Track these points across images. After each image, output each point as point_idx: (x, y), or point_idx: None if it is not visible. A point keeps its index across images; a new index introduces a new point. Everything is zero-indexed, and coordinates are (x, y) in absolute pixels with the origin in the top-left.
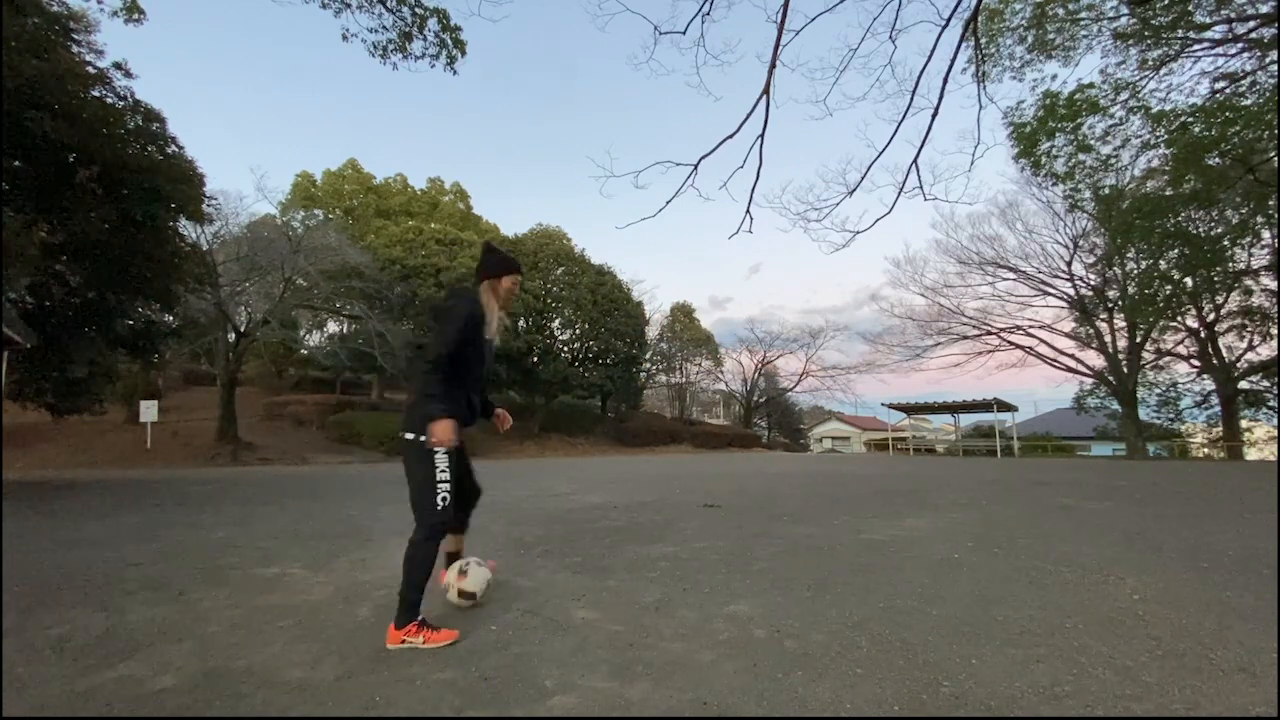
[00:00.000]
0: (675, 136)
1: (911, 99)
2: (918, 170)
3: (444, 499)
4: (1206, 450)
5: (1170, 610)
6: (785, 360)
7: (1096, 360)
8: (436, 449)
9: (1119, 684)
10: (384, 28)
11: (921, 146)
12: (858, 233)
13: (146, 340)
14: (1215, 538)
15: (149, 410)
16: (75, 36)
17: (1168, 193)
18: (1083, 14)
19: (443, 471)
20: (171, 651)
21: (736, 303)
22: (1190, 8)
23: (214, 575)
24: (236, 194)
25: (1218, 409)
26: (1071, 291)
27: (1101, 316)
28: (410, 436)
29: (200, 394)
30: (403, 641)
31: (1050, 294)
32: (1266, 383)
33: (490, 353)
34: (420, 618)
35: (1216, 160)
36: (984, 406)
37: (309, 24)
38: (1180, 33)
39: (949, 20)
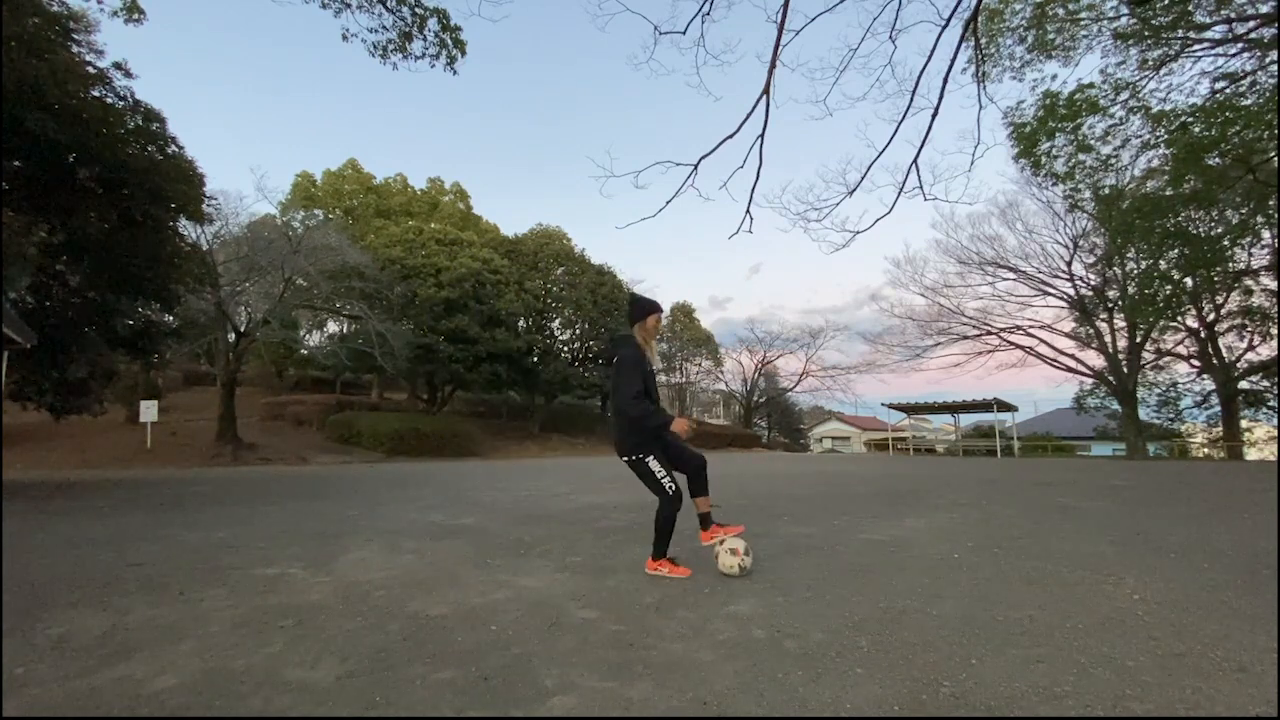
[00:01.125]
0: (675, 136)
1: (911, 99)
2: (918, 170)
3: (670, 485)
4: (1206, 450)
5: (1170, 610)
6: (785, 360)
7: (1096, 360)
8: (649, 458)
9: (1119, 684)
10: (384, 28)
11: (921, 146)
12: (858, 233)
13: (146, 340)
14: (1215, 538)
15: (149, 410)
16: (75, 36)
17: (1168, 193)
18: (1083, 14)
19: (659, 469)
20: (171, 651)
21: (736, 303)
22: (1190, 8)
23: (214, 575)
24: (236, 194)
25: (1218, 409)
26: (1071, 291)
27: (1101, 316)
28: (630, 459)
29: (200, 394)
30: (657, 570)
31: (1050, 294)
32: (1266, 383)
33: (654, 375)
34: (670, 556)
35: (1216, 160)
36: (984, 406)
37: (309, 24)
38: (1180, 33)
39: (949, 20)
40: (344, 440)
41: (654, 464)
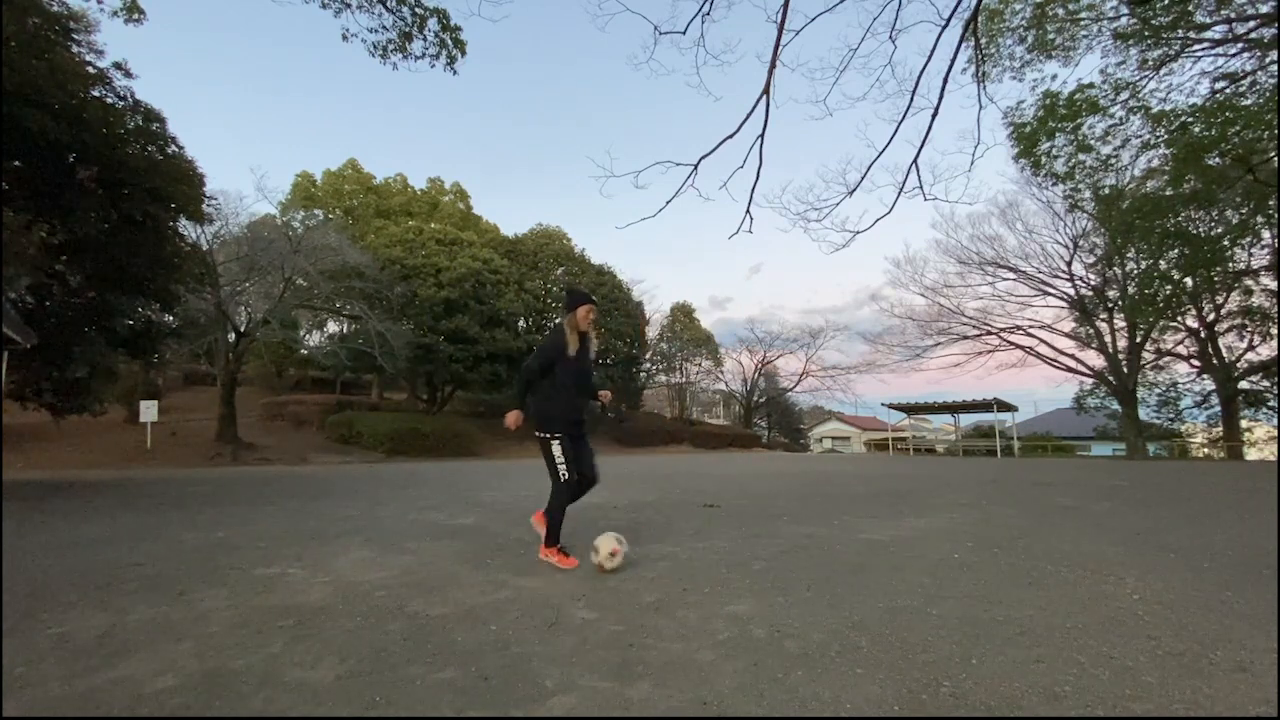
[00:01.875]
0: (675, 136)
1: (911, 99)
2: (918, 170)
3: (565, 473)
4: (1206, 450)
5: (1170, 610)
6: (785, 360)
7: (1096, 360)
8: (554, 440)
9: (1119, 684)
10: (384, 28)
11: (921, 146)
12: (858, 233)
13: (146, 340)
14: (1215, 538)
15: (149, 410)
16: (75, 36)
17: (1168, 193)
18: (1083, 14)
19: (559, 455)
20: (171, 651)
21: (737, 303)
22: (1190, 8)
23: (214, 575)
24: (236, 194)
25: (1218, 409)
26: (1071, 291)
27: (1101, 316)
28: (537, 435)
29: (200, 394)
30: (547, 557)
31: (1050, 294)
32: (1266, 383)
33: (585, 365)
34: (559, 545)
35: (1216, 160)
36: (984, 406)
37: (309, 24)
38: (1180, 33)
39: (949, 20)
40: (344, 440)
41: (557, 448)
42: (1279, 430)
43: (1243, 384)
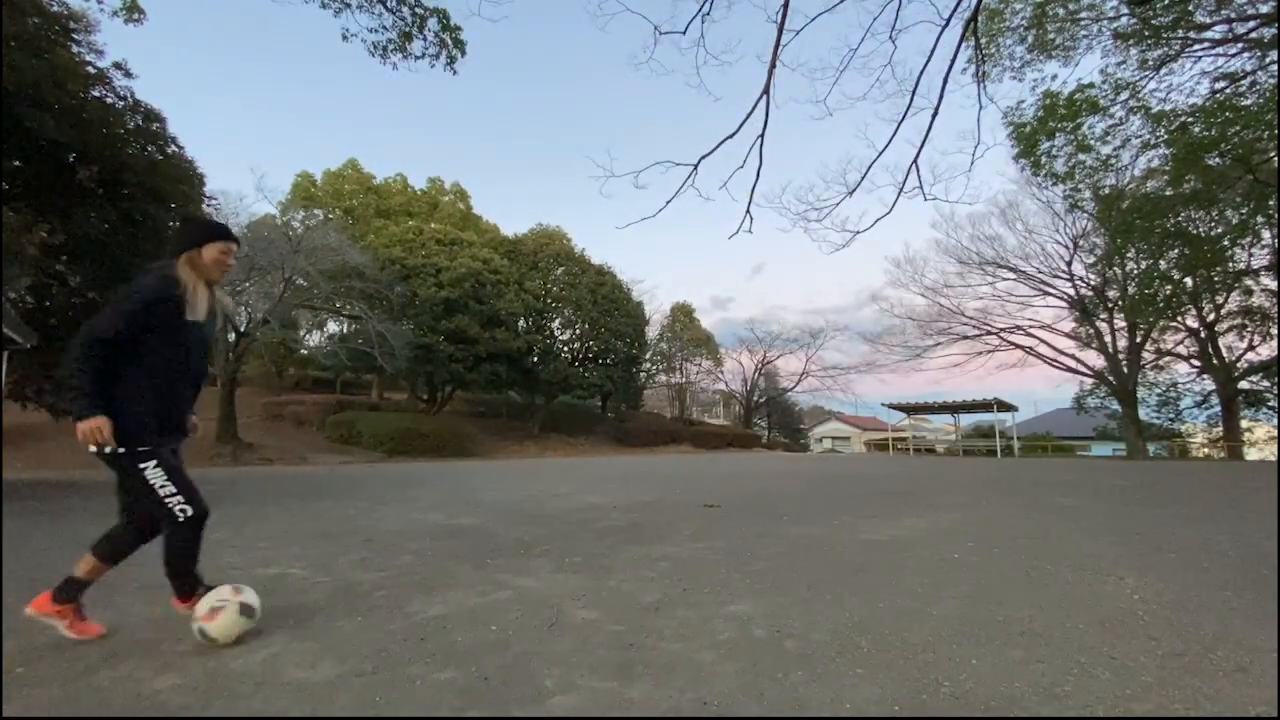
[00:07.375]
0: (675, 136)
1: (911, 99)
2: (918, 170)
3: (180, 509)
4: (1206, 450)
5: (1170, 610)
6: (785, 360)
7: (1096, 360)
8: (146, 460)
9: (1119, 684)
10: (384, 28)
11: (921, 146)
12: (858, 233)
13: None
14: (1215, 538)
15: None
16: (75, 36)
17: (1168, 193)
18: (1083, 14)
19: (160, 483)
20: (171, 651)
21: (738, 303)
22: (1190, 8)
23: (214, 575)
24: (236, 194)
25: (1218, 409)
26: (1071, 291)
27: (1101, 316)
28: (113, 451)
29: (200, 394)
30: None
31: (1050, 294)
32: (1266, 383)
33: (207, 334)
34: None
35: (1216, 160)
36: (984, 406)
37: (309, 24)
38: (1180, 33)
39: (949, 20)
40: (344, 440)
41: (154, 472)
42: (1279, 430)
43: (1243, 384)
